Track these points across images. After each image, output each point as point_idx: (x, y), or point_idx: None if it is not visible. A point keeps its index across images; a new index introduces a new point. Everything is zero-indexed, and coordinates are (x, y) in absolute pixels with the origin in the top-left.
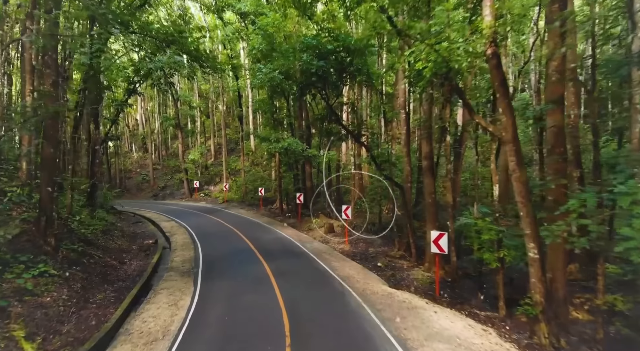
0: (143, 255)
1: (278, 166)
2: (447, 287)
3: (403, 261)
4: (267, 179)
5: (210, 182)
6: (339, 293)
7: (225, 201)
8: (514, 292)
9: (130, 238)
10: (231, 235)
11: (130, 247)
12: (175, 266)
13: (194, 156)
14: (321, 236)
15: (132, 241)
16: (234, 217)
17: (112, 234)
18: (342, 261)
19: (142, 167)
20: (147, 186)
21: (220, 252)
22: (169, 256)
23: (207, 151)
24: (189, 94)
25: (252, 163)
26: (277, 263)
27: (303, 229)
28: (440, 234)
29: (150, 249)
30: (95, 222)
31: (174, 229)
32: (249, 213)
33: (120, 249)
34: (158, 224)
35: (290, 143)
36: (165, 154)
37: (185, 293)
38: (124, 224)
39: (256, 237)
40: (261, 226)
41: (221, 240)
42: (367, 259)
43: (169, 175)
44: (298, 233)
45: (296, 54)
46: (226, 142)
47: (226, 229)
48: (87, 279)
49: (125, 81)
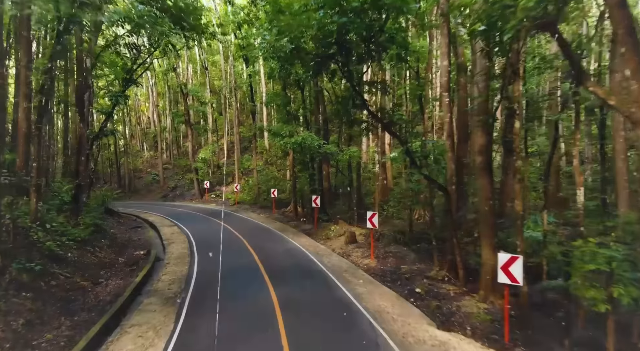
0: (128, 271)
1: (292, 165)
2: (513, 324)
3: (448, 286)
4: (282, 180)
5: (222, 182)
6: (371, 344)
7: (237, 203)
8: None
9: (121, 247)
10: (236, 245)
11: (116, 260)
12: (161, 288)
13: (205, 155)
14: (341, 248)
15: (121, 251)
16: (243, 222)
17: (96, 245)
18: (369, 285)
19: (153, 167)
20: (157, 187)
21: (220, 269)
22: (157, 273)
23: (219, 150)
24: (200, 89)
25: (266, 162)
26: (288, 288)
27: (320, 238)
28: (512, 258)
29: (139, 262)
30: (75, 230)
31: (173, 237)
32: (260, 217)
33: (99, 264)
34: (159, 230)
35: (304, 138)
36: (177, 153)
37: (160, 334)
38: (119, 231)
39: (265, 248)
40: (272, 234)
41: (224, 252)
42: (400, 281)
43: (179, 175)
44: (314, 243)
45: (310, 14)
46: (239, 140)
47: (232, 237)
48: (37, 311)
49: (120, 70)
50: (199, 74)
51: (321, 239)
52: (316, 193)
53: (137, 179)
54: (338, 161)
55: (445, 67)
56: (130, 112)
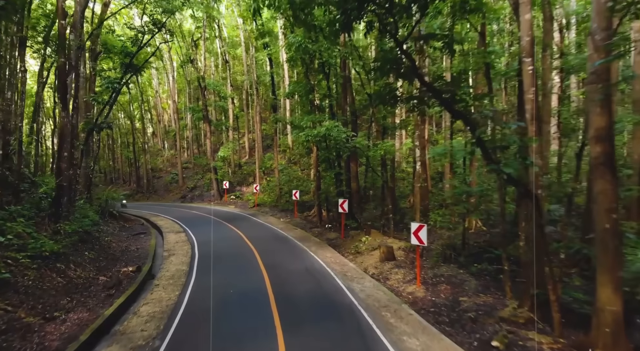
0: (103, 297)
1: (315, 164)
2: None
3: (537, 336)
4: (305, 180)
5: (243, 182)
6: None
7: (256, 206)
8: None
9: (109, 261)
10: (246, 260)
11: (94, 280)
12: (132, 328)
13: (224, 153)
14: (375, 266)
15: (107, 267)
16: (260, 229)
17: (73, 260)
18: (422, 334)
19: (173, 166)
20: (176, 187)
21: (217, 300)
22: (139, 301)
23: (240, 148)
24: (220, 84)
25: (289, 161)
26: (304, 338)
27: (348, 252)
28: None
29: (123, 283)
30: (46, 242)
31: (177, 247)
32: (279, 222)
33: (66, 289)
34: (164, 238)
35: (329, 128)
36: (197, 152)
37: None
38: (118, 239)
39: (280, 266)
40: (291, 245)
41: (228, 271)
42: (463, 323)
43: (199, 175)
44: (341, 259)
45: None
46: (261, 137)
47: (243, 249)
48: None
49: (119, 53)
50: (220, 69)
51: (350, 253)
52: (343, 196)
53: (157, 178)
54: (369, 158)
55: (527, 22)
56: (150, 109)
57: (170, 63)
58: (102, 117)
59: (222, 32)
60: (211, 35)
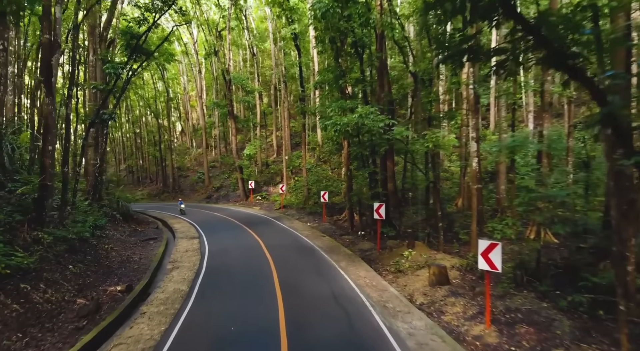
0: (69, 331)
1: (347, 161)
2: None
3: None
4: (335, 180)
5: (270, 182)
6: None
7: (282, 207)
8: None
9: (100, 276)
10: (259, 280)
11: (69, 303)
12: None
13: (250, 151)
14: (424, 293)
15: (94, 284)
16: (282, 235)
17: (49, 277)
18: None
19: (200, 165)
20: (202, 187)
21: (210, 345)
22: (106, 343)
23: (268, 146)
24: (247, 78)
25: (318, 159)
26: None
27: (387, 269)
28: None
29: (102, 310)
30: (17, 256)
31: (184, 258)
32: (306, 227)
33: (24, 318)
34: (174, 245)
35: (363, 115)
36: (225, 151)
37: None
38: (122, 246)
39: (301, 290)
40: (317, 258)
41: (235, 296)
42: None
43: (226, 174)
44: (378, 281)
45: None
46: (289, 135)
47: (259, 263)
48: None
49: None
50: (248, 63)
51: (389, 271)
52: (379, 199)
53: (184, 178)
54: (411, 153)
55: None
56: (179, 106)
57: (196, 57)
58: (110, 110)
59: (249, 23)
60: (238, 27)
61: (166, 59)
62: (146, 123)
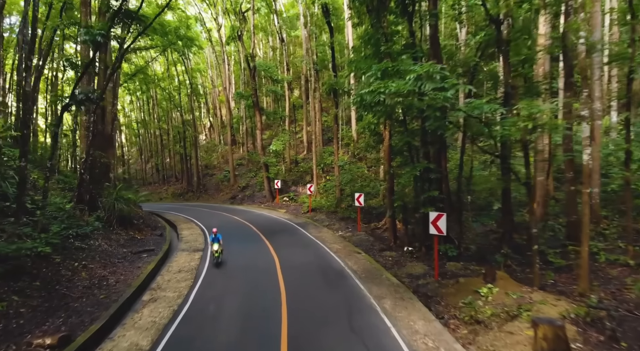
0: None
1: (387, 156)
2: None
3: None
4: (372, 180)
5: (299, 181)
6: None
7: (310, 211)
8: None
9: (35, 316)
10: (260, 334)
11: None
12: None
13: (277, 147)
14: None
15: (21, 332)
16: (306, 250)
17: None
18: None
19: (227, 163)
20: (227, 186)
21: None
22: None
23: (299, 142)
24: (274, 66)
25: (353, 156)
26: None
27: (455, 316)
28: None
29: None
30: None
31: (171, 283)
32: (336, 238)
33: None
34: (170, 260)
35: (426, 74)
36: (252, 148)
37: None
38: (104, 260)
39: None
40: (348, 292)
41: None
42: None
43: (252, 172)
44: (447, 344)
45: None
46: (321, 129)
47: (266, 297)
48: None
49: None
50: (278, 53)
51: (460, 320)
52: (436, 207)
53: (209, 176)
54: (495, 138)
55: None
56: (207, 101)
57: (222, 46)
58: (98, 91)
59: (277, 4)
60: (267, 13)
61: (185, 44)
62: (172, 119)
